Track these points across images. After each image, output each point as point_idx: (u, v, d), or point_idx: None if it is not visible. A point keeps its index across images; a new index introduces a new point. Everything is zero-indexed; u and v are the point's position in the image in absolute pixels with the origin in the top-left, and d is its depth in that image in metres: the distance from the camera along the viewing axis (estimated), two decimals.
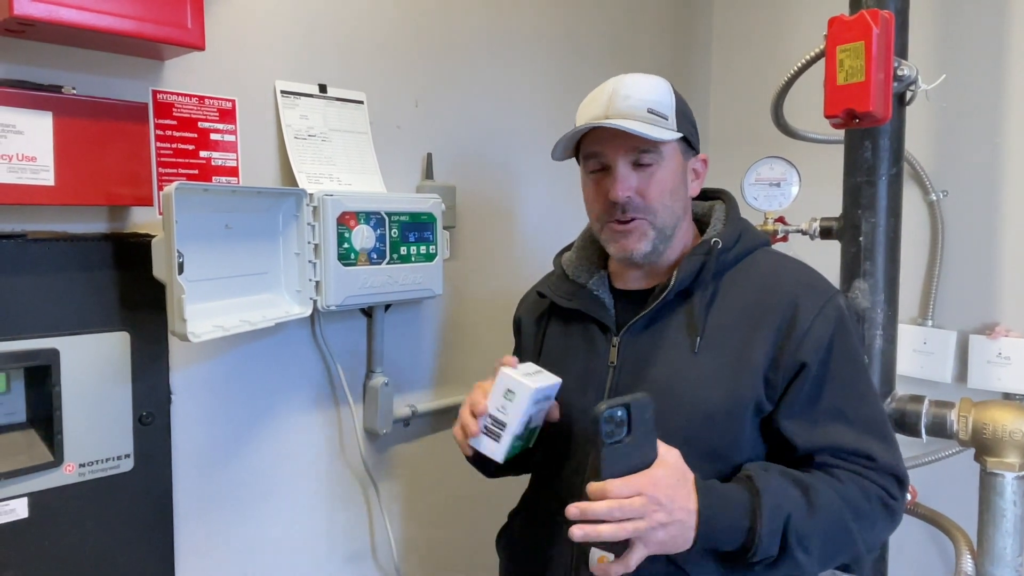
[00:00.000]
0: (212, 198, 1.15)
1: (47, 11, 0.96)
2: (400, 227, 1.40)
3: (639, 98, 1.05)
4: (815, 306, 1.02)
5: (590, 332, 1.13)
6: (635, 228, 1.06)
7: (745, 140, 2.11)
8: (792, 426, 1.01)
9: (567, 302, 1.16)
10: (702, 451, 1.00)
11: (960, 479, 1.51)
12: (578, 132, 1.07)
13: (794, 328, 1.01)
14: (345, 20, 1.43)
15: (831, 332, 1.01)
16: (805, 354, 1.00)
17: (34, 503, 1.08)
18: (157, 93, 1.20)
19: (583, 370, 1.11)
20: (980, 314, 1.74)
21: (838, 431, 1.00)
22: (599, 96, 1.08)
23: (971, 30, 1.74)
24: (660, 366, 1.05)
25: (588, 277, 1.16)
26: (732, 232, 1.09)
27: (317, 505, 1.46)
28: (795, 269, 1.09)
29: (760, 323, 1.02)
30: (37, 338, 1.07)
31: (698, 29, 2.25)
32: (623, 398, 0.87)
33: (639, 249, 1.07)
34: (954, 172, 1.77)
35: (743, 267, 1.08)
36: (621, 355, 1.08)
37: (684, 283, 1.05)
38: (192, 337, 1.06)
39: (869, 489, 0.99)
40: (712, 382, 1.01)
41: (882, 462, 1.00)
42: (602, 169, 1.08)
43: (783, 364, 1.00)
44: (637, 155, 1.05)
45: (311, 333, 1.43)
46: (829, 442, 1.00)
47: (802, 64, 1.40)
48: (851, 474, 1.00)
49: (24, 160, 1.01)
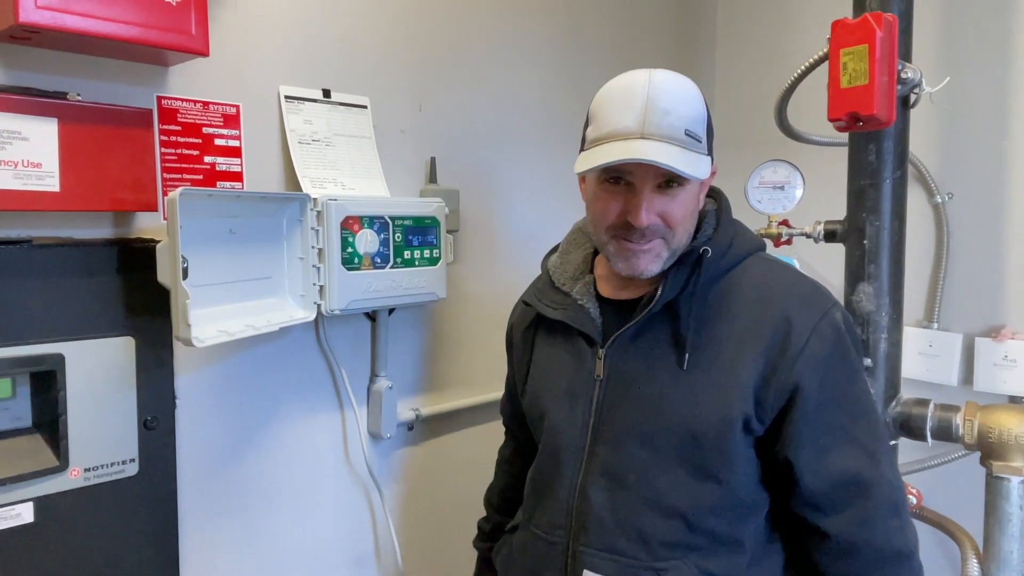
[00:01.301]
0: (216, 203, 1.15)
1: (52, 18, 0.97)
2: (404, 231, 1.40)
3: (679, 115, 0.95)
4: (809, 323, 0.98)
5: (576, 344, 1.09)
6: (651, 249, 0.99)
7: (749, 143, 2.10)
8: (801, 460, 0.98)
9: (552, 312, 1.11)
10: (693, 469, 0.99)
11: (966, 483, 1.51)
12: (609, 161, 0.94)
13: (788, 346, 0.96)
14: (348, 25, 1.44)
15: (827, 352, 0.97)
16: (799, 375, 0.96)
17: (40, 507, 1.09)
18: (162, 99, 1.21)
19: (569, 384, 1.08)
20: (986, 317, 1.73)
21: (847, 455, 0.98)
22: (631, 101, 0.96)
23: (975, 32, 1.73)
24: (648, 383, 1.01)
25: (573, 284, 1.12)
26: (723, 239, 1.04)
27: (321, 508, 1.46)
28: (788, 280, 1.04)
29: (751, 339, 0.98)
30: (43, 343, 1.08)
31: (702, 32, 2.25)
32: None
33: (650, 270, 1.01)
34: (959, 174, 1.76)
35: (734, 277, 1.03)
36: (607, 368, 1.04)
37: (670, 295, 1.00)
38: (196, 342, 1.07)
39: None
40: (701, 400, 0.98)
41: (886, 490, 0.99)
42: (621, 183, 0.99)
43: (775, 384, 0.97)
44: (666, 178, 0.97)
45: (315, 337, 1.43)
46: (835, 475, 0.98)
47: (806, 67, 1.40)
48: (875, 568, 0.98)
49: (29, 166, 1.02)
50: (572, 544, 1.04)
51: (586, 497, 1.03)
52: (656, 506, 1.00)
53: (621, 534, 1.01)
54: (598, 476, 1.03)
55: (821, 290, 1.04)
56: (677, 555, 0.99)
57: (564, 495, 1.06)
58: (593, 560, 1.01)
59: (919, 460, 1.69)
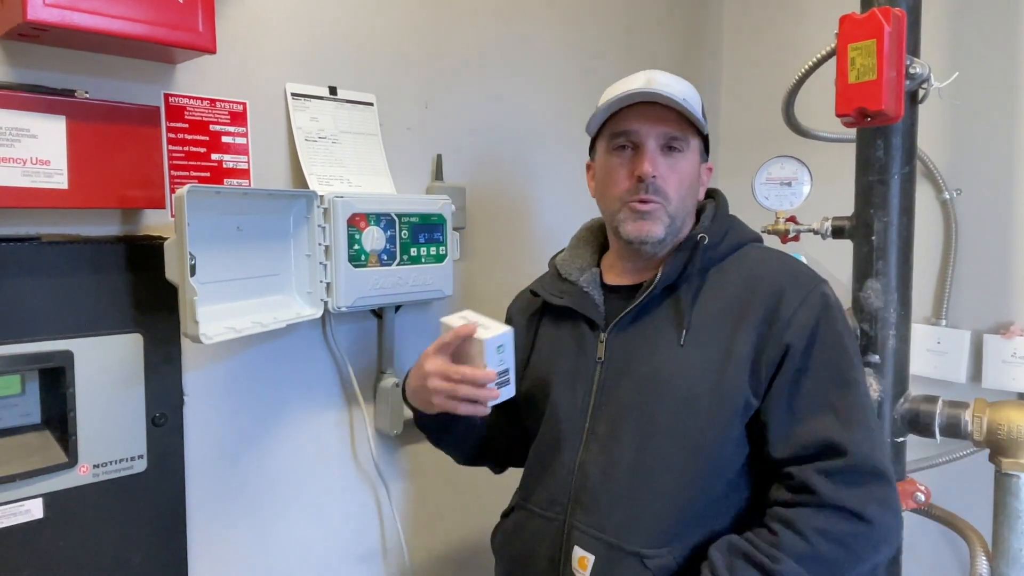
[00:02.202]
0: (224, 200, 1.16)
1: (60, 16, 0.97)
2: (410, 228, 1.40)
3: (676, 88, 1.08)
4: (799, 295, 1.02)
5: (580, 329, 1.14)
6: (653, 210, 1.07)
7: (756, 139, 2.10)
8: (773, 424, 0.99)
9: (558, 299, 1.17)
10: (687, 445, 1.00)
11: (974, 480, 1.50)
12: (622, 101, 1.07)
13: (778, 316, 1.01)
14: (355, 22, 1.44)
15: (815, 318, 1.01)
16: (789, 338, 0.99)
17: (49, 504, 1.09)
18: (169, 96, 1.21)
19: (572, 367, 1.12)
20: (995, 313, 1.73)
21: (822, 423, 0.97)
22: (633, 82, 1.09)
23: (984, 27, 1.72)
24: (645, 359, 1.05)
25: (580, 275, 1.18)
26: (719, 228, 1.11)
27: (328, 505, 1.47)
28: (781, 262, 1.09)
29: (745, 314, 1.02)
30: (51, 340, 1.08)
31: (709, 28, 2.24)
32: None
33: (654, 232, 1.07)
34: (968, 170, 1.75)
35: (730, 262, 1.09)
36: (608, 350, 1.09)
37: (670, 278, 1.06)
38: (204, 339, 1.07)
39: (839, 534, 0.94)
40: (697, 373, 1.01)
41: (858, 456, 0.96)
42: (629, 149, 1.10)
43: (768, 351, 1.00)
44: (668, 140, 1.08)
45: (322, 334, 1.43)
46: (807, 440, 0.97)
47: (813, 63, 1.39)
48: (816, 515, 0.95)
49: (38, 164, 1.02)
50: (568, 520, 1.06)
51: (585, 473, 1.06)
52: (648, 489, 1.01)
53: (612, 513, 1.03)
54: (597, 454, 1.06)
55: (811, 270, 1.09)
56: (663, 541, 1.00)
57: (564, 472, 1.08)
58: (584, 537, 1.04)
59: (927, 457, 1.68)
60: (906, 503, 1.41)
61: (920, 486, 1.41)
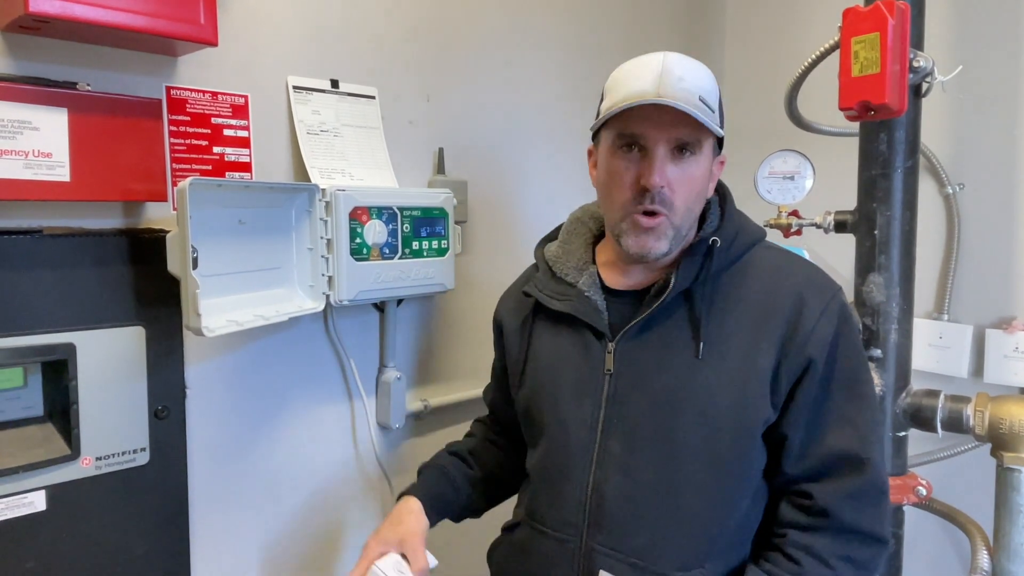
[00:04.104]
0: (226, 193, 1.16)
1: (62, 8, 0.97)
2: (412, 222, 1.40)
3: (693, 82, 0.96)
4: (820, 304, 0.99)
5: (583, 337, 1.06)
6: (659, 225, 0.99)
7: (758, 133, 2.09)
8: (792, 438, 0.99)
9: (556, 303, 1.08)
10: (712, 463, 0.98)
11: (976, 474, 1.50)
12: (628, 105, 0.95)
13: (799, 327, 0.97)
14: (357, 15, 1.43)
15: (835, 331, 0.98)
16: (811, 351, 0.97)
17: (51, 496, 1.10)
18: (171, 89, 1.21)
19: (576, 378, 1.05)
20: (997, 308, 1.72)
21: (842, 437, 0.98)
22: (645, 71, 0.97)
23: (988, 20, 1.71)
24: (662, 374, 0.99)
25: (578, 275, 1.09)
26: (730, 229, 1.04)
27: (330, 498, 1.47)
28: (795, 267, 1.04)
29: (765, 326, 0.98)
30: (53, 333, 1.08)
31: (711, 21, 2.23)
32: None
33: (658, 249, 1.00)
34: (971, 165, 1.75)
35: (742, 266, 1.03)
36: (618, 362, 1.02)
37: (684, 285, 1.00)
38: (207, 332, 1.07)
39: (862, 560, 0.97)
40: (718, 390, 0.97)
41: (874, 474, 0.98)
42: (635, 150, 0.99)
43: (788, 363, 0.97)
44: (678, 145, 0.98)
45: (324, 328, 1.43)
46: (827, 454, 0.98)
47: (816, 56, 1.39)
48: (836, 542, 0.97)
49: (40, 156, 1.02)
50: (585, 543, 1.02)
51: (602, 494, 1.01)
52: (676, 510, 0.98)
53: (638, 535, 0.99)
54: (614, 474, 1.00)
55: (826, 274, 1.06)
56: (694, 563, 0.98)
57: (576, 492, 1.03)
58: (609, 560, 0.99)
59: (929, 452, 1.68)
60: (907, 497, 1.41)
61: (921, 480, 1.42)
